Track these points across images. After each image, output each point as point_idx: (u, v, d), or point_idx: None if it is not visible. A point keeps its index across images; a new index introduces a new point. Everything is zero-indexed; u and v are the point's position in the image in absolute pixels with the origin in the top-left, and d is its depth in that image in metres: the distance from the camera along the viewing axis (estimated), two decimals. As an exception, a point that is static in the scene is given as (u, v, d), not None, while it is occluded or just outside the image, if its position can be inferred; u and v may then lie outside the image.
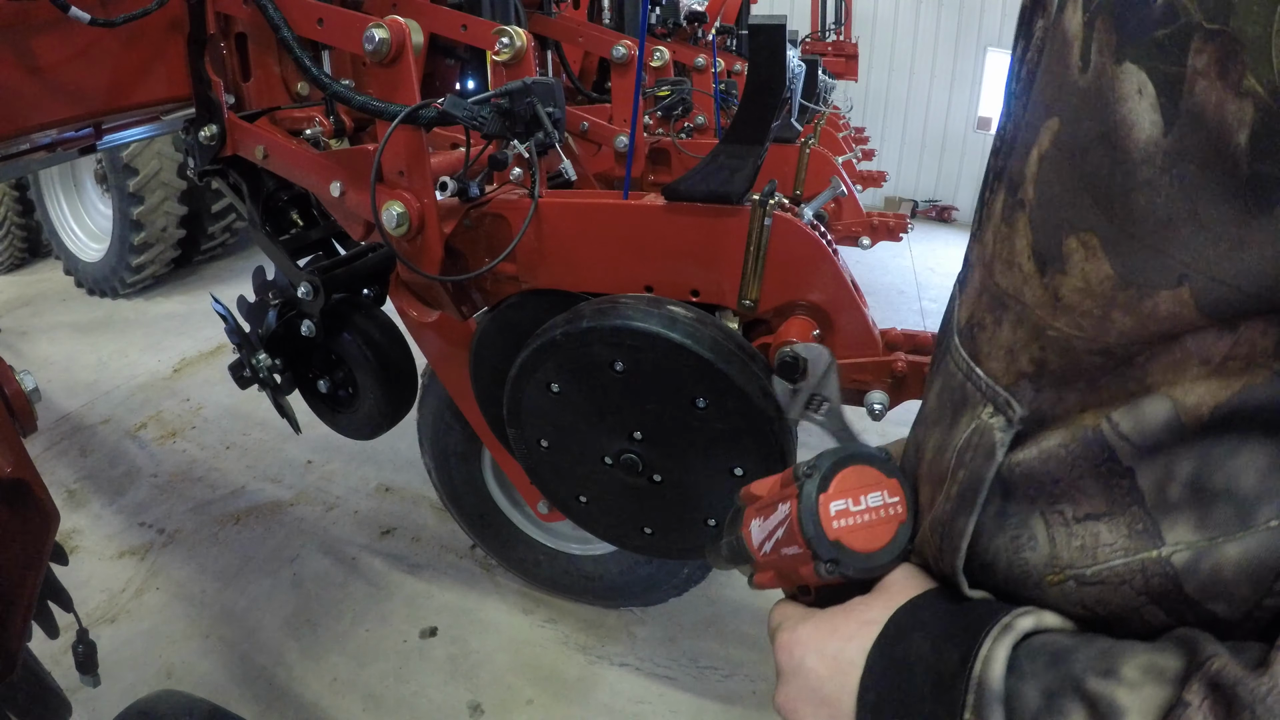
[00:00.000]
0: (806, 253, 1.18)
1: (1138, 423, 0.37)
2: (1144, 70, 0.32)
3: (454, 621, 2.14)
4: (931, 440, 0.52)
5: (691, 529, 1.28)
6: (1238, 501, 0.35)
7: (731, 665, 2.00)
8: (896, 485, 0.50)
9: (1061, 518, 0.41)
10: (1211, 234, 0.31)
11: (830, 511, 0.47)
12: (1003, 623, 0.40)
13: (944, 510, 0.47)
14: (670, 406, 1.16)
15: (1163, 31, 0.31)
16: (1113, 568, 0.39)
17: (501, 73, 1.44)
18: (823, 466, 0.49)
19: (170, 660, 2.02)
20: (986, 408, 0.44)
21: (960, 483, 0.45)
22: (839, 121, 4.48)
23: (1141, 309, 0.35)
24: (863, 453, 0.50)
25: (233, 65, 1.65)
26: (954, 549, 0.46)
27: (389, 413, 1.85)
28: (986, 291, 0.45)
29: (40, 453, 3.02)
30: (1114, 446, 0.38)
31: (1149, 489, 0.37)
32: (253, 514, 2.64)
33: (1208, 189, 0.31)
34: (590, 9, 2.82)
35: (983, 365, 0.45)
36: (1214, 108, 0.30)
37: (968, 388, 0.47)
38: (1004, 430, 0.43)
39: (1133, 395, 0.37)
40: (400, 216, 1.25)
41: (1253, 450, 0.34)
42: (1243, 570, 0.35)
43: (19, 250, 5.43)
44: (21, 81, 1.33)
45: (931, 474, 0.50)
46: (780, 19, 1.11)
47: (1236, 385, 0.34)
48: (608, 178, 2.03)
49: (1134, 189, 0.33)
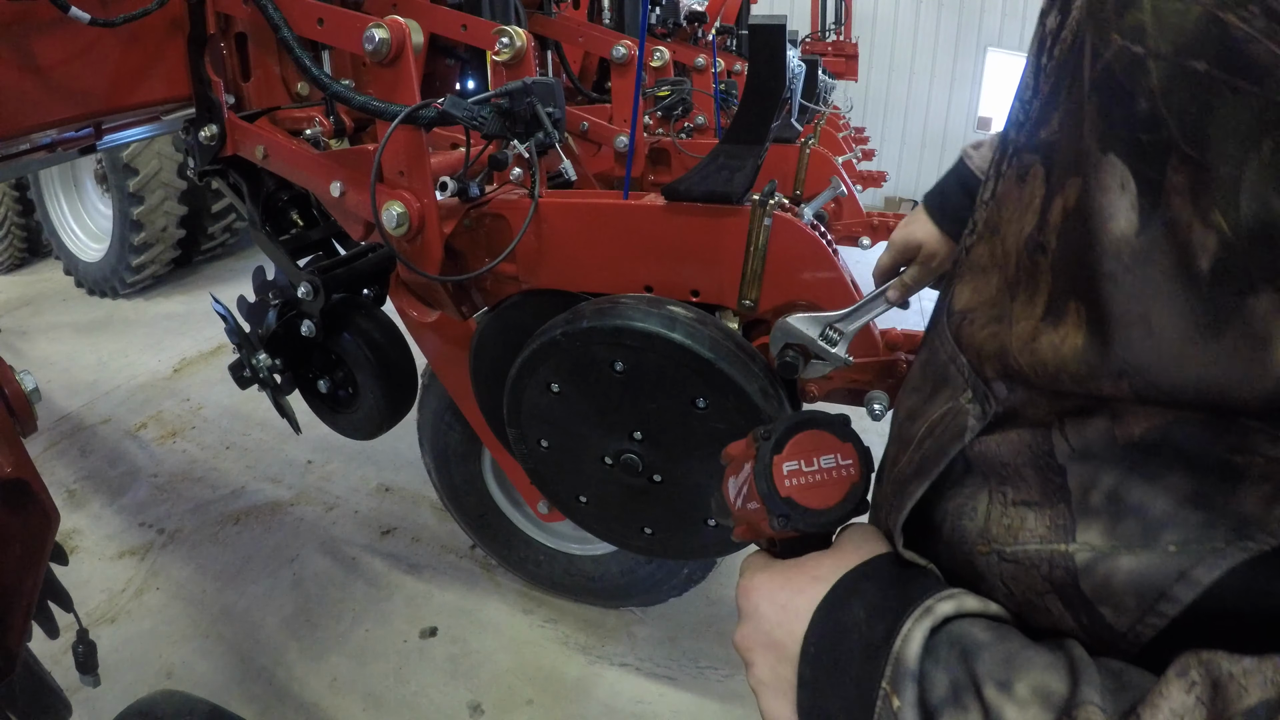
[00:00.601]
0: (806, 253, 1.18)
1: (1080, 431, 0.40)
2: (1128, 167, 0.32)
3: (454, 621, 2.14)
4: (907, 404, 0.56)
5: (691, 529, 1.28)
6: (1146, 521, 0.37)
7: (731, 665, 2.00)
8: (850, 449, 0.53)
9: (1002, 498, 0.45)
10: (1159, 342, 0.32)
11: (783, 471, 0.52)
12: (925, 605, 0.43)
13: (904, 472, 0.51)
14: (670, 406, 1.16)
15: (1146, 136, 0.31)
16: (1026, 551, 0.42)
17: (501, 73, 1.44)
18: (778, 430, 0.53)
19: (170, 660, 2.02)
20: (966, 393, 0.47)
21: (925, 451, 0.49)
22: (839, 121, 4.48)
23: (1085, 383, 0.37)
24: (819, 418, 0.54)
25: (233, 65, 1.65)
26: (899, 507, 0.50)
27: (389, 413, 1.85)
28: (994, 304, 0.46)
29: (40, 453, 3.02)
30: (1055, 446, 0.41)
31: (1076, 490, 0.40)
32: (253, 514, 2.64)
33: (1166, 299, 0.31)
34: (590, 9, 2.82)
35: (967, 355, 0.48)
36: (1184, 226, 0.30)
37: (950, 369, 0.49)
38: (978, 419, 0.46)
39: (1085, 410, 0.40)
40: (400, 216, 1.25)
41: (1171, 480, 0.36)
42: (1131, 582, 0.37)
43: (19, 250, 5.43)
44: (21, 81, 1.33)
45: (901, 435, 0.55)
46: (780, 19, 1.11)
47: (1170, 417, 0.36)
48: (608, 178, 2.02)
49: (1100, 277, 0.34)
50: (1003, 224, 0.46)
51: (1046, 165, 0.41)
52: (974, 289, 0.49)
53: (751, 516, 0.54)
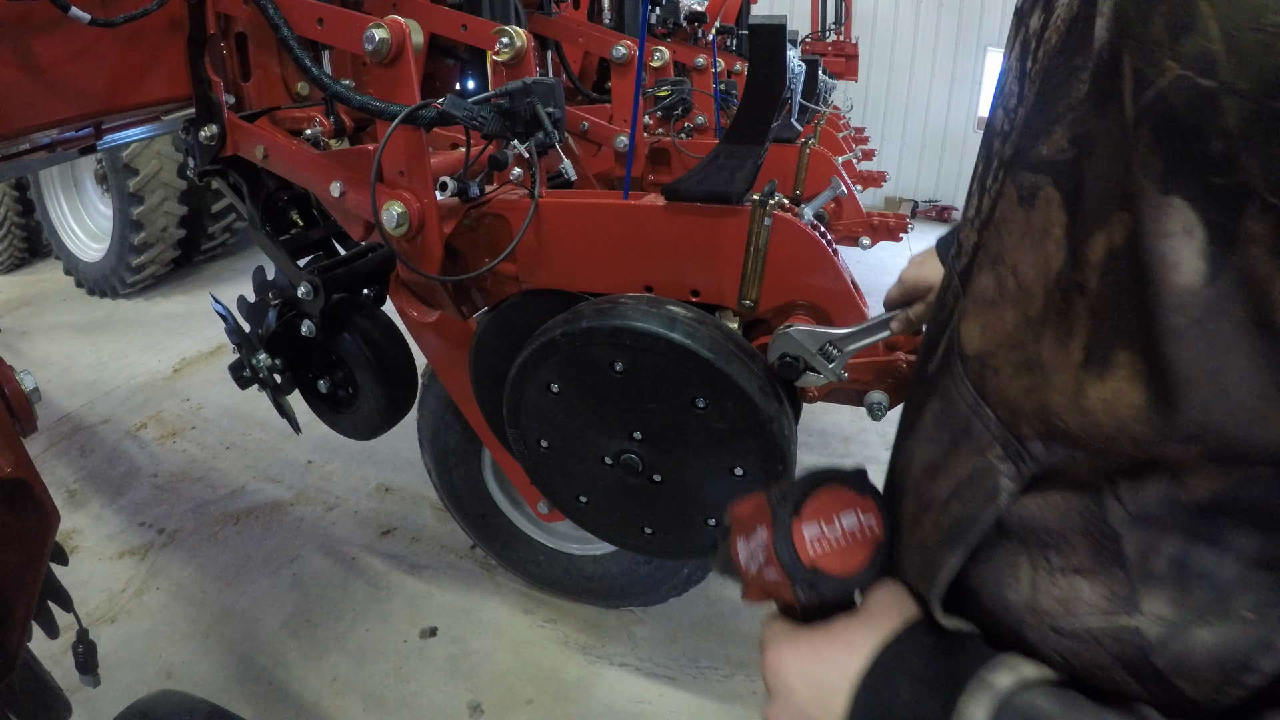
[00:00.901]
0: (806, 253, 1.18)
1: (1137, 494, 0.37)
2: (1195, 212, 0.29)
3: (454, 621, 2.14)
4: (921, 457, 0.51)
5: (691, 529, 1.28)
6: (1216, 587, 0.35)
7: (731, 665, 2.00)
8: (871, 504, 0.49)
9: (1047, 565, 0.41)
10: (1234, 401, 0.29)
11: (804, 536, 0.48)
12: (982, 679, 0.40)
13: (931, 537, 0.47)
14: (670, 406, 1.16)
15: (1219, 180, 0.28)
16: (1087, 627, 0.39)
17: (501, 73, 1.44)
18: (795, 491, 0.49)
19: (170, 660, 2.02)
20: (994, 449, 0.43)
21: (954, 516, 0.45)
22: (839, 121, 4.48)
23: (1151, 447, 0.34)
24: (835, 473, 0.50)
25: (233, 65, 1.65)
26: (934, 579, 0.46)
27: (389, 413, 1.85)
28: (1015, 345, 0.42)
29: (40, 453, 3.03)
30: (1108, 511, 0.38)
31: (1134, 556, 0.37)
32: (253, 514, 2.64)
33: (1239, 354, 0.29)
34: (590, 9, 2.82)
35: (993, 408, 0.43)
36: (1263, 278, 0.27)
37: (974, 423, 0.45)
38: (1012, 479, 0.42)
39: (1140, 469, 0.36)
40: (400, 216, 1.25)
41: (1240, 541, 0.34)
42: (1211, 656, 0.35)
43: (19, 250, 5.43)
44: (21, 81, 1.33)
45: (920, 492, 0.50)
46: (780, 19, 1.11)
47: (1238, 475, 0.33)
48: (608, 178, 2.02)
49: (1162, 331, 0.31)
50: (1007, 251, 0.43)
51: (1064, 191, 0.37)
52: (985, 327, 0.45)
53: (770, 584, 0.51)
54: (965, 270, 0.50)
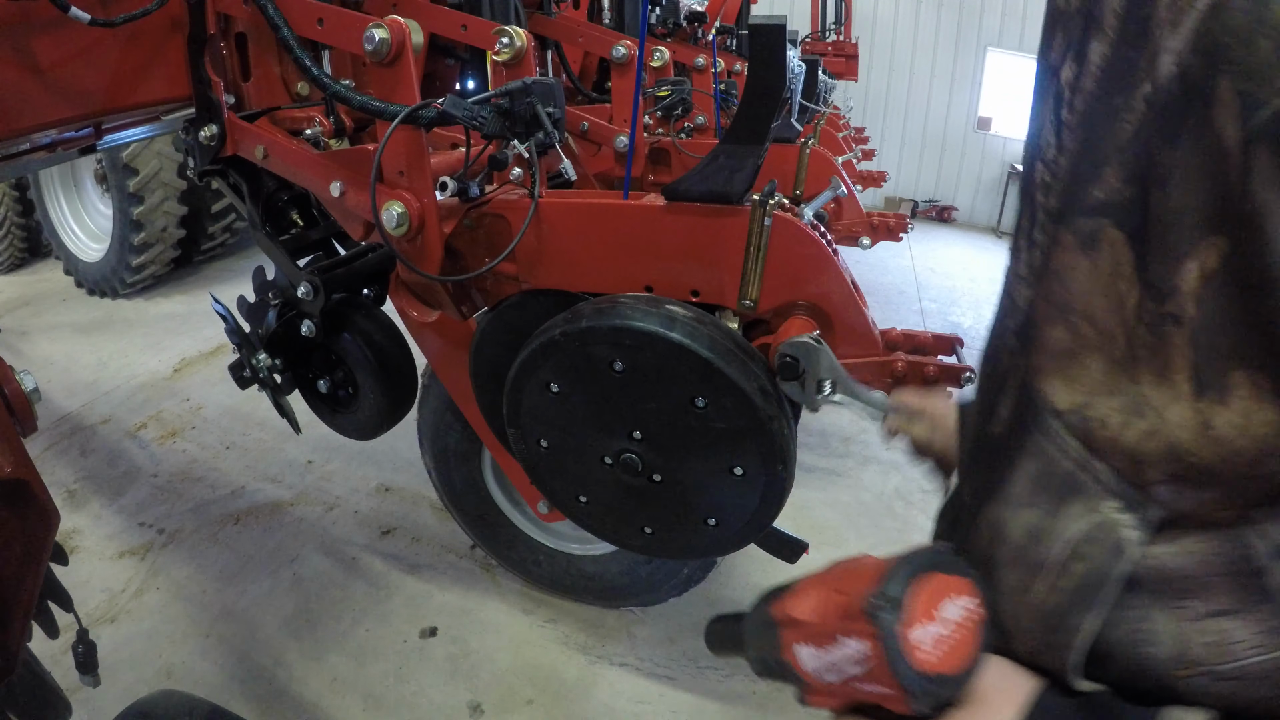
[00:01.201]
0: (806, 253, 1.18)
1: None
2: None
3: (454, 621, 2.14)
4: (1020, 523, 0.49)
5: (691, 529, 1.28)
6: None
7: (731, 665, 2.00)
8: (966, 584, 0.46)
9: (1189, 614, 0.40)
10: None
11: (915, 644, 0.44)
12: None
13: (1052, 602, 0.46)
14: (670, 406, 1.16)
15: None
16: (1247, 666, 0.38)
17: (501, 73, 1.44)
18: (893, 594, 0.45)
19: (170, 660, 2.02)
20: (1111, 502, 0.42)
21: (1078, 577, 0.44)
22: (839, 121, 4.48)
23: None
24: (923, 561, 0.46)
25: (233, 65, 1.65)
26: (1068, 645, 0.45)
27: (389, 413, 1.85)
28: (1112, 391, 0.41)
29: (40, 453, 3.02)
30: (1251, 546, 0.37)
31: (1277, 589, 0.37)
32: (253, 514, 2.64)
33: None
34: (590, 9, 2.82)
35: (1105, 460, 0.42)
36: None
37: (1080, 477, 0.44)
38: (1136, 528, 0.41)
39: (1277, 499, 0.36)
40: (400, 216, 1.25)
41: None
42: None
43: (19, 250, 5.43)
44: (21, 81, 1.33)
45: (1026, 559, 0.48)
46: (780, 19, 1.11)
47: None
48: (608, 178, 2.02)
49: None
50: (1075, 299, 0.42)
51: (1128, 230, 0.38)
52: (1070, 379, 0.44)
53: (865, 696, 0.47)
54: (1022, 328, 0.49)
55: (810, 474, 2.93)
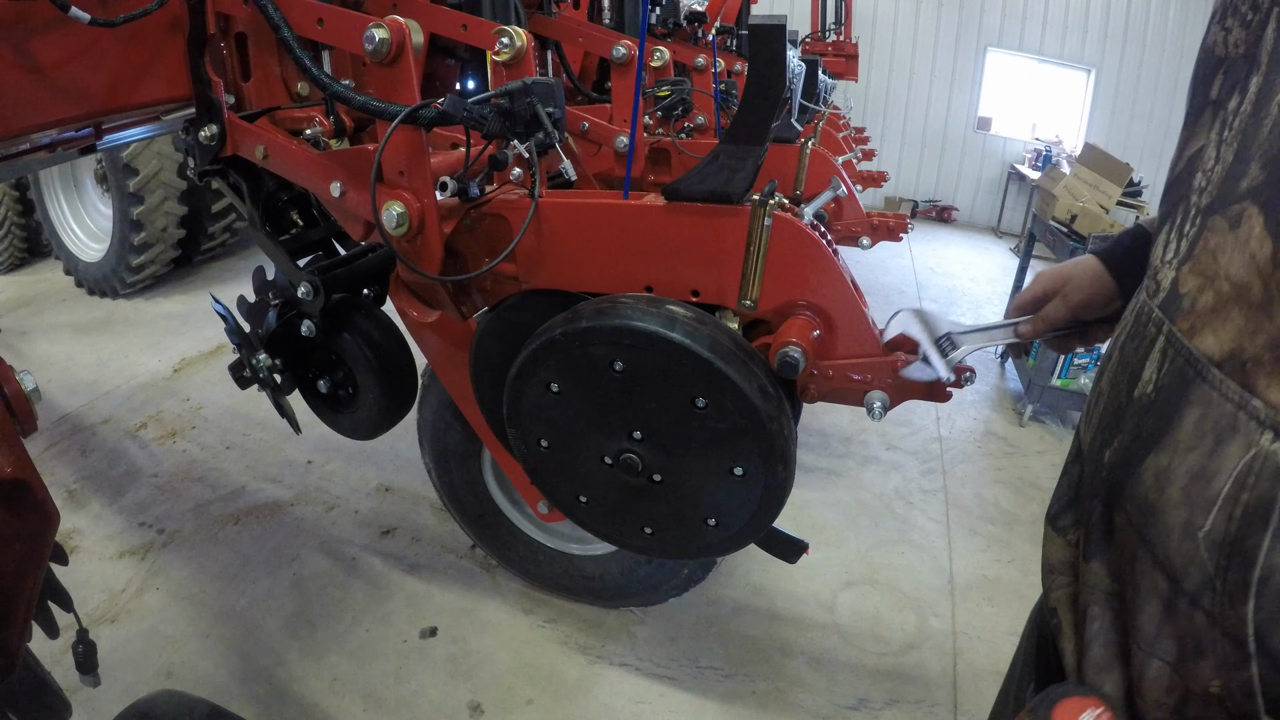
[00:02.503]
0: (806, 253, 1.18)
1: None
2: None
3: (454, 621, 2.14)
4: (1185, 465, 0.55)
5: (692, 529, 1.28)
6: None
7: (731, 665, 2.00)
8: (1092, 700, 0.53)
9: None
10: None
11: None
12: None
13: (1227, 530, 0.51)
14: (670, 406, 1.16)
15: None
16: None
17: (501, 73, 1.44)
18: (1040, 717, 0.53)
19: (170, 660, 2.02)
20: (1267, 434, 0.49)
21: (1245, 505, 0.50)
22: (839, 121, 4.48)
23: None
24: (1056, 693, 0.55)
25: (233, 65, 1.65)
26: (1247, 565, 0.50)
27: (389, 413, 1.85)
28: (1262, 330, 0.49)
29: (40, 453, 3.03)
30: None
31: None
32: (253, 514, 2.64)
33: None
34: (590, 9, 2.82)
35: (1260, 395, 0.50)
36: None
37: (1239, 417, 0.51)
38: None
39: None
40: (400, 216, 1.25)
41: None
42: None
43: (19, 250, 5.42)
44: (21, 81, 1.33)
45: (1191, 498, 0.55)
46: (780, 19, 1.11)
47: None
48: (608, 178, 2.02)
49: None
50: (1220, 267, 0.53)
51: (1260, 203, 0.49)
52: (1219, 333, 0.53)
53: None
54: (1164, 302, 0.60)
55: (810, 474, 2.93)
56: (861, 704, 1.91)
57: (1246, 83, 0.54)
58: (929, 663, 2.06)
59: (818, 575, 2.37)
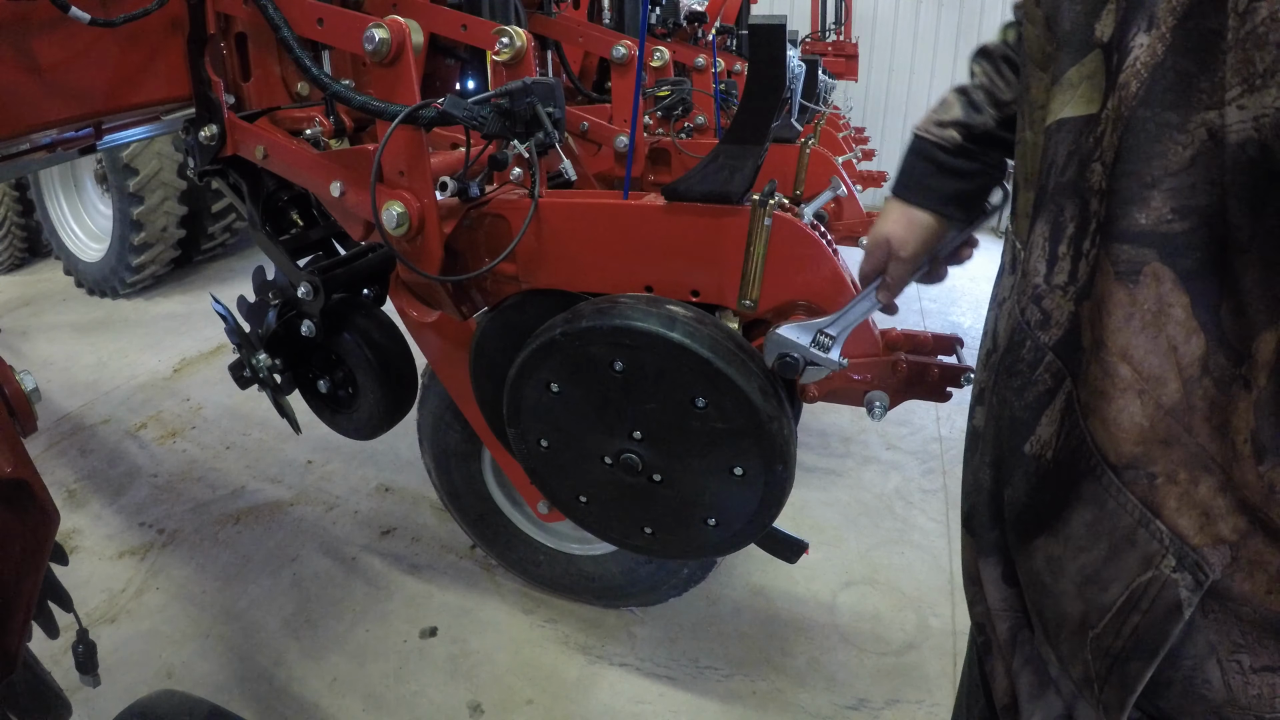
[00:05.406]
0: (806, 253, 1.19)
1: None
2: None
3: (454, 621, 2.14)
4: (1076, 565, 0.50)
5: (691, 529, 1.28)
6: None
7: (731, 665, 2.00)
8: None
9: (1238, 667, 0.42)
10: None
11: None
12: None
13: (1114, 646, 0.47)
14: (670, 406, 1.16)
15: None
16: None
17: (501, 73, 1.44)
18: None
19: (170, 660, 2.02)
20: (1167, 560, 0.43)
21: (1137, 629, 0.45)
22: (839, 121, 4.48)
23: None
24: None
25: (233, 65, 1.65)
26: (1123, 686, 0.46)
27: (389, 413, 1.85)
28: (1178, 444, 0.40)
29: (40, 453, 3.02)
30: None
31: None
32: (253, 514, 2.64)
33: None
34: (590, 9, 2.82)
35: (1165, 519, 0.43)
36: None
37: (1140, 534, 0.44)
38: (1191, 590, 0.42)
39: None
40: (400, 216, 1.25)
41: None
42: None
43: (19, 250, 5.42)
44: (21, 81, 1.33)
45: (1085, 597, 0.50)
46: (780, 19, 1.11)
47: None
48: (608, 178, 2.02)
49: None
50: (1110, 335, 0.40)
51: (1179, 269, 0.35)
52: (1119, 427, 0.43)
53: None
54: (1061, 344, 0.47)
55: (810, 474, 2.93)
56: (861, 704, 1.91)
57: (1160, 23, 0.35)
58: (929, 663, 2.06)
59: (818, 575, 2.37)
